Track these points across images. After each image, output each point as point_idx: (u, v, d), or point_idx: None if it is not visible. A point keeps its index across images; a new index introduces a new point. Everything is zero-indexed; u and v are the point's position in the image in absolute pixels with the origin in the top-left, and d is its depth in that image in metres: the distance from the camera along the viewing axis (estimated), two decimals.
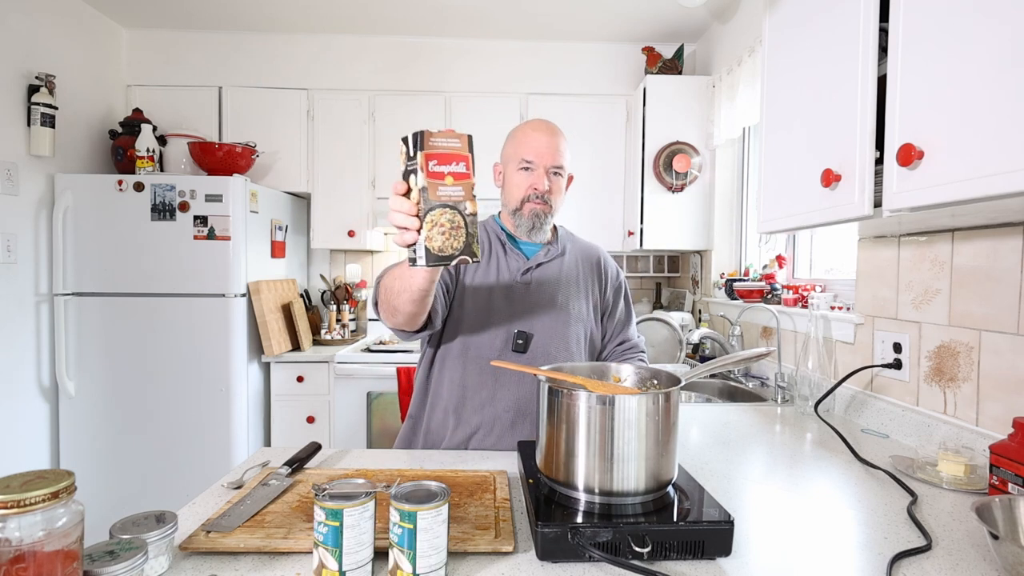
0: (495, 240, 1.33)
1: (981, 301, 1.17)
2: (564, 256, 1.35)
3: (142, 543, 0.63)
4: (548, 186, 1.25)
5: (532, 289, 1.28)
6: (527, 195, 1.26)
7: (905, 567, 0.73)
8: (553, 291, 1.29)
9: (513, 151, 1.29)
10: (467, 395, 1.23)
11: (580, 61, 3.05)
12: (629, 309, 1.43)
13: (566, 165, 1.29)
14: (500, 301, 1.25)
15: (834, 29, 1.17)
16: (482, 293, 1.26)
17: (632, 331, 1.42)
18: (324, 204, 2.96)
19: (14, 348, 2.31)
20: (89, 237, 2.41)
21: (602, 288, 1.38)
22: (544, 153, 1.25)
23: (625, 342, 1.40)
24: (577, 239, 1.44)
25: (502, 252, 1.31)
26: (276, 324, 2.63)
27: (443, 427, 1.24)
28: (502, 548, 0.72)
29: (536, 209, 1.27)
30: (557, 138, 1.28)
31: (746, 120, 2.34)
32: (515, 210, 1.29)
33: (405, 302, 1.03)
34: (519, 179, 1.27)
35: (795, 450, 1.23)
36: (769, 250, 2.46)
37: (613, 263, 1.44)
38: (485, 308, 1.25)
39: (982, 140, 0.79)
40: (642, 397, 0.78)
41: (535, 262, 1.30)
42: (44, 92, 2.35)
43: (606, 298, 1.38)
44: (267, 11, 2.76)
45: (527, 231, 1.29)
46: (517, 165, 1.27)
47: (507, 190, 1.31)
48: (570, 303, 1.30)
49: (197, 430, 2.44)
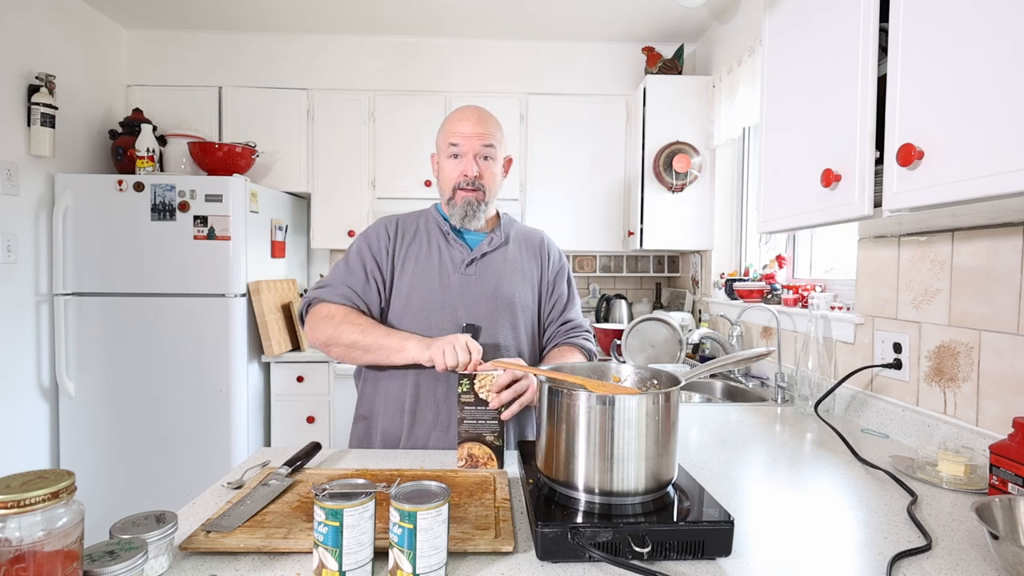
0: (436, 231, 1.32)
1: (981, 301, 1.17)
2: (508, 244, 1.34)
3: (142, 543, 0.63)
4: (477, 171, 1.25)
5: (477, 280, 1.27)
6: (457, 182, 1.26)
7: (905, 567, 0.73)
8: (498, 281, 1.28)
9: (442, 139, 1.29)
10: (421, 392, 1.22)
11: (580, 61, 3.05)
12: (571, 292, 1.41)
13: (497, 146, 1.28)
14: (446, 294, 1.25)
15: (834, 29, 1.17)
16: (426, 286, 1.25)
17: (575, 312, 1.39)
18: (324, 204, 2.96)
19: (14, 348, 2.31)
20: (89, 237, 2.41)
21: (544, 272, 1.37)
22: (470, 136, 1.24)
23: (568, 322, 1.37)
24: (519, 225, 1.42)
25: (444, 243, 1.30)
26: (276, 324, 2.63)
27: (398, 427, 1.23)
28: (502, 548, 0.72)
29: (468, 197, 1.26)
30: (485, 122, 1.27)
31: (746, 120, 2.34)
32: (448, 199, 1.28)
33: (366, 360, 1.16)
34: (449, 167, 1.27)
35: (795, 450, 1.23)
36: (769, 250, 2.47)
37: (556, 247, 1.42)
38: (430, 302, 1.24)
39: (982, 140, 0.79)
40: (642, 397, 0.78)
41: (479, 252, 1.29)
42: (44, 92, 2.35)
43: (548, 281, 1.37)
44: (267, 11, 2.76)
45: (460, 219, 1.28)
46: (446, 153, 1.27)
47: (440, 179, 1.32)
48: (516, 292, 1.29)
49: (197, 430, 2.44)
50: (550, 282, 1.37)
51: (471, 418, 1.04)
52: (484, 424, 1.04)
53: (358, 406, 1.32)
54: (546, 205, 2.98)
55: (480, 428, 1.04)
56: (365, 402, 1.30)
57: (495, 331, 1.25)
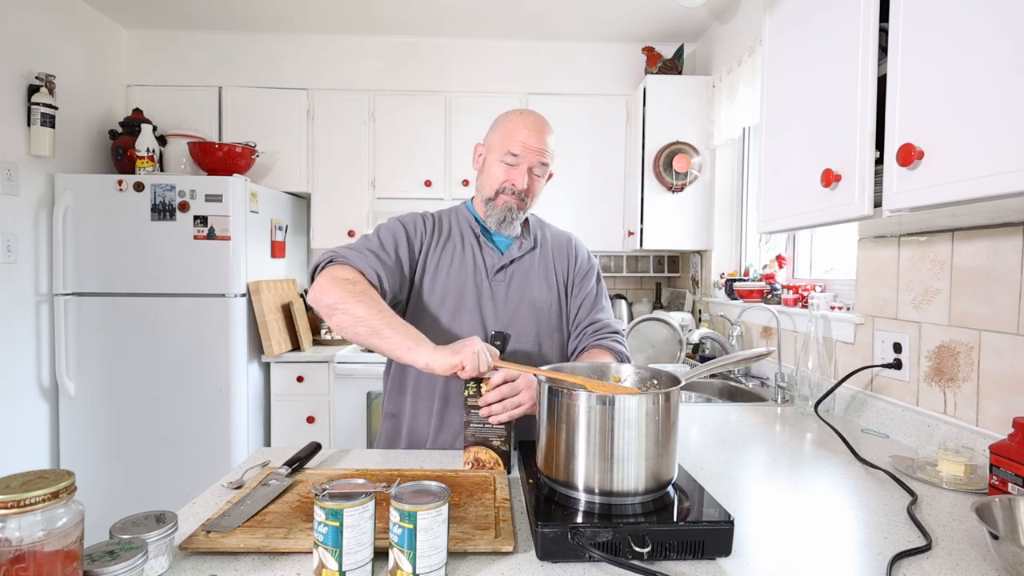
0: (469, 232, 1.28)
1: (981, 301, 1.17)
2: (537, 250, 1.31)
3: (142, 543, 0.63)
4: (527, 184, 1.22)
5: (506, 287, 1.25)
6: (503, 187, 1.22)
7: (905, 567, 0.73)
8: (527, 288, 1.26)
9: (500, 141, 1.23)
10: (451, 395, 1.21)
11: (580, 61, 3.05)
12: (599, 292, 1.36)
13: (551, 164, 1.25)
14: (476, 299, 1.23)
15: (834, 29, 1.17)
16: (459, 290, 1.23)
17: (604, 314, 1.34)
18: (324, 204, 2.96)
19: (14, 348, 2.31)
20: (89, 237, 2.41)
21: (571, 272, 1.34)
22: (532, 150, 1.20)
23: (596, 323, 1.32)
24: (549, 227, 1.39)
25: (476, 246, 1.27)
26: (276, 324, 2.63)
27: (426, 427, 1.22)
28: (502, 548, 0.72)
29: (510, 203, 1.22)
30: (546, 135, 1.23)
31: (746, 120, 2.34)
32: (488, 199, 1.24)
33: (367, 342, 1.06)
34: (499, 171, 1.22)
35: (795, 450, 1.23)
36: (769, 250, 2.47)
37: (584, 248, 1.39)
38: (463, 306, 1.22)
39: (982, 140, 0.79)
40: (642, 397, 0.78)
41: (508, 258, 1.26)
42: (44, 92, 2.35)
43: (575, 282, 1.34)
44: (267, 11, 2.76)
45: (497, 222, 1.24)
46: (500, 155, 1.22)
47: (484, 177, 1.26)
48: (544, 298, 1.27)
49: (197, 430, 2.44)
50: (577, 283, 1.34)
51: (478, 422, 1.03)
52: (491, 428, 1.02)
53: (386, 403, 1.29)
54: (546, 205, 2.96)
55: (487, 432, 1.03)
56: (392, 399, 1.27)
57: (523, 338, 1.23)
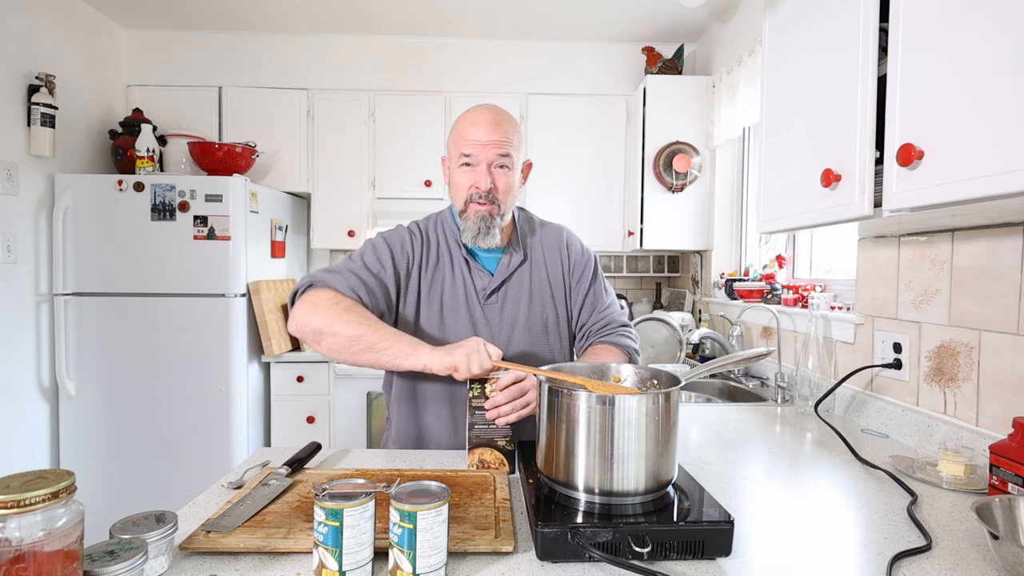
0: (457, 252, 1.21)
1: (981, 301, 1.17)
2: (527, 263, 1.24)
3: (142, 543, 0.63)
4: (491, 183, 1.12)
5: (499, 310, 1.20)
6: (469, 194, 1.14)
7: (905, 567, 0.73)
8: (520, 309, 1.21)
9: (453, 146, 1.16)
10: (457, 402, 1.20)
11: (580, 61, 3.05)
12: (597, 286, 1.30)
13: (514, 153, 1.14)
14: (470, 326, 1.18)
15: (834, 29, 1.17)
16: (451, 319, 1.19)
17: (608, 309, 1.29)
18: (324, 204, 2.96)
19: (14, 348, 2.31)
20: (89, 237, 2.41)
21: (569, 276, 1.28)
22: (484, 144, 1.11)
23: (599, 321, 1.27)
24: (540, 226, 1.31)
25: (465, 268, 1.20)
26: (276, 324, 2.63)
27: (440, 433, 1.21)
28: (502, 548, 0.72)
29: (481, 211, 1.13)
30: (501, 126, 1.12)
31: (746, 120, 2.34)
32: (460, 212, 1.17)
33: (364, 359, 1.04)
34: (460, 178, 1.15)
35: (795, 450, 1.23)
36: (769, 250, 2.47)
37: (578, 241, 1.32)
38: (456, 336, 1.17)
39: (982, 140, 0.79)
40: (642, 397, 0.78)
41: (499, 279, 1.20)
42: (44, 92, 2.34)
43: (574, 284, 1.28)
44: (267, 11, 2.76)
45: (472, 236, 1.15)
46: (457, 161, 1.15)
47: (452, 190, 1.20)
48: (540, 317, 1.23)
49: (197, 430, 2.44)
50: (575, 284, 1.28)
51: (482, 423, 1.01)
52: (496, 429, 1.01)
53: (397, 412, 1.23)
54: (546, 205, 2.98)
55: (492, 433, 1.01)
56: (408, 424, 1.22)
57: (527, 357, 1.19)
